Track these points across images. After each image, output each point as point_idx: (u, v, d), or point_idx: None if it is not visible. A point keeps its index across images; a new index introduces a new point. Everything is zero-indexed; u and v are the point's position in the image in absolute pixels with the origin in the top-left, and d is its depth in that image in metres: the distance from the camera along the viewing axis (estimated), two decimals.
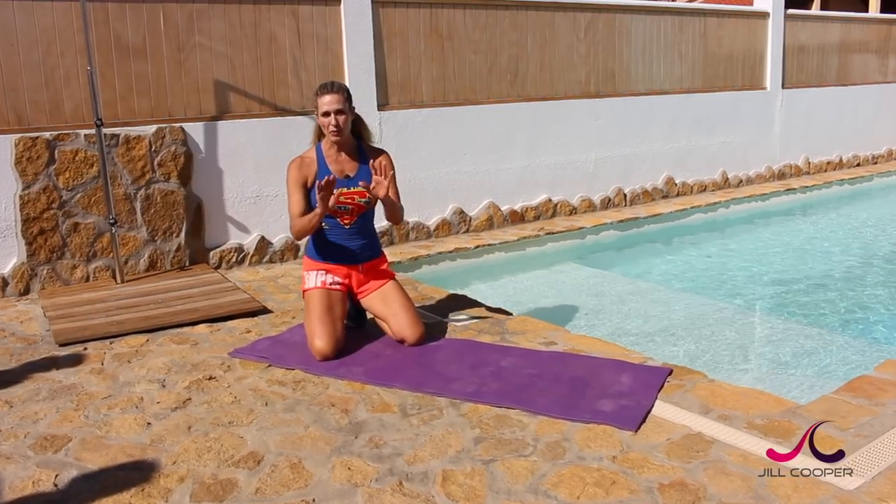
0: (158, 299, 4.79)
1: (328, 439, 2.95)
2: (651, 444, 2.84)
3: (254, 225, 5.88)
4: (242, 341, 4.09)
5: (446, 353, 3.82)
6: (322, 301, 3.85)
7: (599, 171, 7.90)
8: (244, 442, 2.94)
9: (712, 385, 3.34)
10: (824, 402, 3.14)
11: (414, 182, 6.55)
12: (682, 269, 6.43)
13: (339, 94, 3.79)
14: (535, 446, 2.85)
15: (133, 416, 3.19)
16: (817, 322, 4.99)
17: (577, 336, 4.12)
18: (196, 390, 3.45)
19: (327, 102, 3.77)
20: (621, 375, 3.46)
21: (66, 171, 5.08)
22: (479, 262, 6.40)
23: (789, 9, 9.62)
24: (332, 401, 3.30)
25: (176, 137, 5.43)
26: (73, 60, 5.12)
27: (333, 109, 3.77)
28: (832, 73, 10.48)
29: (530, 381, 3.45)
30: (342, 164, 3.92)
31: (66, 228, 5.13)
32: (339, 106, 3.78)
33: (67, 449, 2.92)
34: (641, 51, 8.12)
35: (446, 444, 2.88)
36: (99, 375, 3.65)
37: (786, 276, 6.11)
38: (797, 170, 10.12)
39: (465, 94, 6.89)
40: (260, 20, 5.76)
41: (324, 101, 3.78)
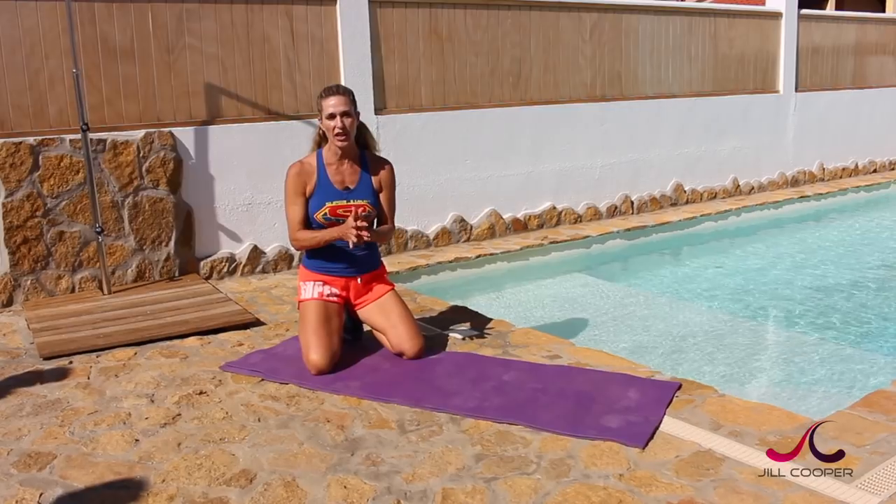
0: (147, 311, 4.80)
1: (323, 457, 2.96)
2: (659, 461, 2.85)
3: (246, 233, 5.90)
4: (234, 355, 4.11)
5: (446, 367, 3.84)
6: (318, 313, 3.86)
7: (605, 178, 7.93)
8: (236, 459, 2.95)
9: (723, 400, 3.36)
10: (839, 417, 3.15)
11: (413, 189, 6.58)
12: (692, 280, 6.45)
13: (345, 97, 3.81)
14: (538, 464, 2.86)
15: (120, 432, 3.20)
16: (832, 334, 5.00)
17: (582, 349, 4.13)
18: (186, 405, 3.46)
19: (333, 104, 3.78)
20: (628, 390, 3.47)
21: (51, 178, 5.11)
22: (481, 273, 6.42)
23: (803, 9, 9.66)
24: (328, 416, 3.32)
25: (165, 143, 5.46)
26: (57, 62, 5.15)
27: (340, 111, 3.78)
28: (847, 75, 10.52)
29: (534, 395, 3.46)
30: (343, 175, 3.93)
31: (50, 237, 5.15)
32: (346, 108, 3.79)
33: (52, 467, 2.93)
34: (649, 52, 8.16)
35: (446, 462, 2.89)
36: (85, 390, 3.66)
37: (800, 287, 6.13)
38: (811, 176, 10.15)
39: (466, 97, 6.93)
40: (252, 20, 5.80)
41: (329, 103, 3.79)
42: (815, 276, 6.47)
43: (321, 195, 3.87)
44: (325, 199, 3.86)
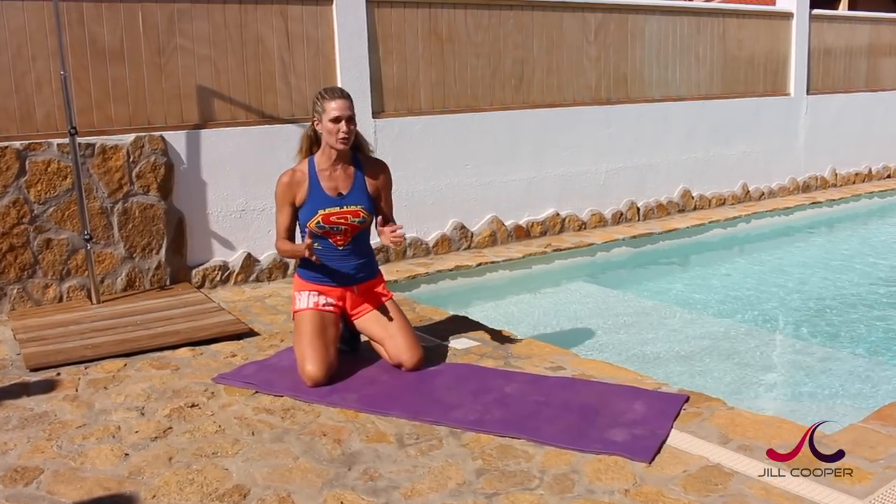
0: (137, 321, 4.82)
1: (319, 472, 2.97)
2: (666, 476, 2.86)
3: (240, 241, 5.92)
4: (227, 366, 4.12)
5: (446, 379, 3.85)
6: (314, 323, 3.87)
7: (611, 184, 7.95)
8: (229, 474, 2.96)
9: (732, 413, 3.37)
10: (852, 431, 3.16)
11: (411, 195, 6.60)
12: (700, 289, 6.47)
13: (349, 101, 3.84)
14: (541, 479, 2.87)
15: (110, 446, 3.21)
16: (844, 346, 5.01)
17: (586, 360, 4.15)
18: (177, 419, 3.47)
19: (338, 107, 3.79)
20: (634, 403, 3.48)
21: (38, 184, 5.13)
22: (482, 281, 6.44)
23: (814, 9, 9.69)
24: (324, 430, 3.33)
25: (156, 147, 5.48)
26: (45, 64, 5.17)
27: (346, 116, 3.80)
28: (861, 77, 10.56)
29: (536, 408, 3.47)
30: (336, 181, 3.95)
31: (37, 245, 5.16)
32: (351, 112, 3.83)
33: (39, 482, 2.94)
34: (656, 54, 8.20)
35: (446, 477, 2.90)
36: (73, 403, 3.67)
37: (811, 296, 6.14)
38: (823, 182, 10.17)
39: (467, 100, 6.95)
40: (246, 21, 5.83)
41: (333, 106, 3.79)
42: (827, 285, 6.48)
43: (313, 203, 3.89)
44: (318, 207, 3.88)
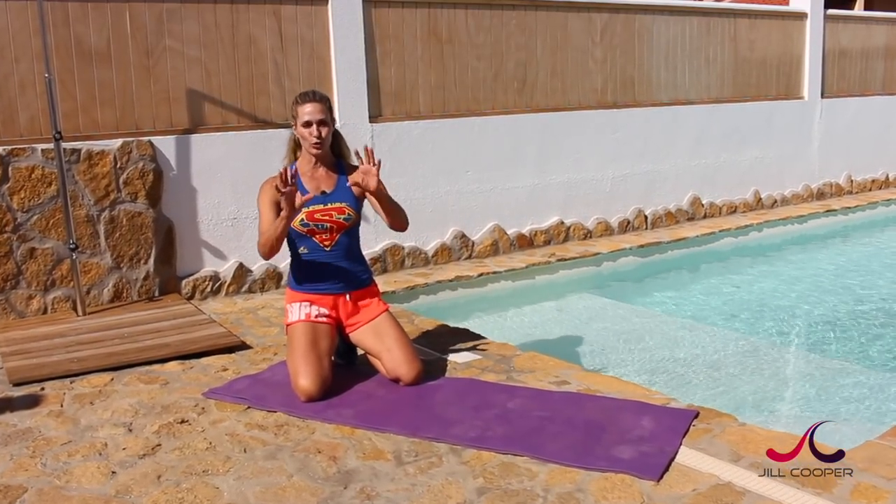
0: (124, 334, 4.82)
1: (314, 490, 2.98)
2: (675, 495, 2.87)
3: (231, 250, 5.93)
4: (218, 380, 4.13)
5: (446, 394, 3.86)
6: (306, 335, 3.89)
7: (617, 191, 7.97)
8: (220, 493, 2.97)
9: (743, 429, 3.38)
10: (869, 448, 3.17)
11: (410, 203, 6.60)
12: (710, 300, 6.48)
13: (321, 104, 3.93)
14: (545, 498, 2.88)
15: (96, 463, 3.22)
16: (860, 360, 5.02)
17: (592, 374, 4.16)
18: (166, 435, 3.48)
19: (309, 112, 3.89)
20: (642, 418, 3.49)
21: (22, 191, 5.14)
22: (483, 292, 6.44)
23: (829, 9, 9.72)
24: (319, 447, 3.34)
25: (144, 153, 5.50)
26: (28, 66, 5.19)
27: (316, 119, 3.90)
28: (878, 80, 10.59)
29: (540, 424, 3.48)
30: (318, 181, 4.02)
31: (20, 254, 5.18)
32: (322, 116, 3.92)
33: (22, 501, 2.94)
34: (664, 56, 8.22)
35: (446, 496, 2.91)
36: (58, 419, 3.68)
37: (826, 308, 6.15)
38: (838, 189, 10.19)
39: (467, 104, 6.98)
40: (238, 21, 5.85)
41: (305, 110, 3.90)
42: (841, 296, 6.49)
43: None
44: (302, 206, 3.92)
